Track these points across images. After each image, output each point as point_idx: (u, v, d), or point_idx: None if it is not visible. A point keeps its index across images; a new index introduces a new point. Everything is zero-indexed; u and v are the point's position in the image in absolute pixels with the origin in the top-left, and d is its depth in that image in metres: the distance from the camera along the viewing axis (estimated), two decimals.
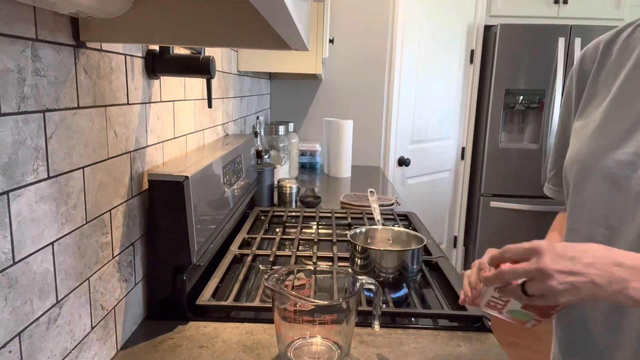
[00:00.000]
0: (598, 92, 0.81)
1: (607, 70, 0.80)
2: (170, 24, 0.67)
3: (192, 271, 0.99)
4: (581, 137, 0.80)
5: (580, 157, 0.78)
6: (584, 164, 0.77)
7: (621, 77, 0.76)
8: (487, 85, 3.28)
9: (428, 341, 0.90)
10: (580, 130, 0.81)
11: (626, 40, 0.79)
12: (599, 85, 0.81)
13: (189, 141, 1.22)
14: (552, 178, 0.95)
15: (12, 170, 0.55)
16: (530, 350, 2.71)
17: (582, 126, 0.81)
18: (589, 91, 0.82)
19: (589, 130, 0.78)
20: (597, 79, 0.81)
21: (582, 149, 0.78)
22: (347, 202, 1.83)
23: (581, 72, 0.85)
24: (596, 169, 0.75)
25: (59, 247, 0.65)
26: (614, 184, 0.72)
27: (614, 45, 0.80)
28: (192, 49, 1.12)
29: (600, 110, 0.78)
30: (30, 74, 0.58)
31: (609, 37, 0.82)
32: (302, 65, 1.96)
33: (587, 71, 0.84)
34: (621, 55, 0.78)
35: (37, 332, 0.60)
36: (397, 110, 2.97)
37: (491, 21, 3.26)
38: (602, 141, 0.75)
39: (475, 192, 3.47)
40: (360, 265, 1.10)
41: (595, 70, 0.82)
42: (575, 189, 0.79)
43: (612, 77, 0.79)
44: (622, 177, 0.71)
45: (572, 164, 0.80)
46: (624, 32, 0.80)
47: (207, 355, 0.84)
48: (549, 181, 0.96)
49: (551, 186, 0.95)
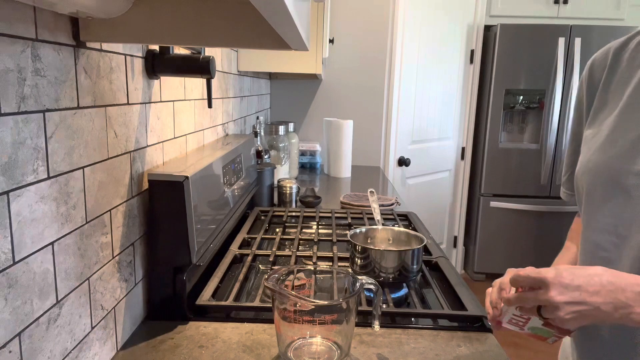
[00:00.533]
0: (608, 100, 0.80)
1: (617, 78, 0.80)
2: (170, 24, 0.67)
3: (192, 271, 0.99)
4: (592, 146, 0.80)
5: (591, 167, 0.78)
6: (594, 173, 0.77)
7: (631, 87, 0.76)
8: (487, 85, 3.28)
9: (428, 341, 0.90)
10: (591, 140, 0.81)
11: (636, 48, 0.78)
12: (609, 94, 0.81)
13: (189, 141, 1.22)
14: (565, 182, 0.96)
15: (12, 170, 0.55)
16: (530, 351, 2.71)
17: (592, 135, 0.81)
18: (599, 100, 0.82)
19: (599, 139, 0.79)
20: (607, 87, 0.81)
21: (592, 159, 0.78)
22: (347, 202, 1.83)
23: (591, 80, 0.85)
24: (607, 179, 0.75)
25: (59, 247, 0.65)
26: (624, 194, 0.73)
27: (624, 54, 0.80)
28: (192, 49, 1.12)
29: (611, 119, 0.78)
30: (30, 74, 0.58)
31: (619, 45, 0.81)
32: (302, 65, 1.96)
33: (597, 79, 0.84)
34: (631, 64, 0.78)
35: (37, 332, 0.60)
36: (397, 110, 2.97)
37: (491, 21, 3.26)
38: (613, 151, 0.75)
39: (475, 192, 3.47)
40: (360, 265, 1.10)
41: (605, 79, 0.82)
42: (586, 198, 0.80)
43: (622, 86, 0.78)
44: (633, 187, 0.72)
45: (583, 174, 0.80)
46: (634, 40, 0.79)
47: (207, 355, 0.84)
48: (563, 185, 0.97)
49: (565, 190, 0.96)
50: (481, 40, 3.29)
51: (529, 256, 3.34)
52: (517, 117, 3.34)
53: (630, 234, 0.72)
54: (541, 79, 3.15)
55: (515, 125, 3.35)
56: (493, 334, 0.93)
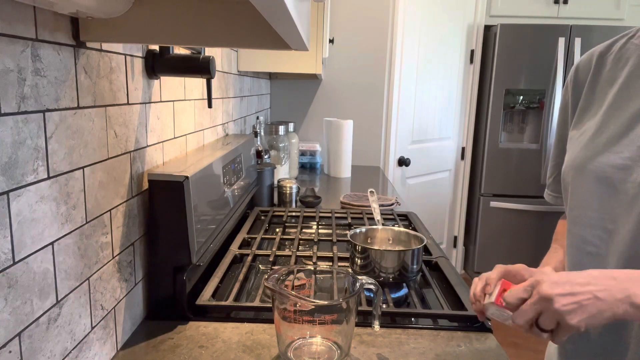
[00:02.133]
0: (594, 101, 0.82)
1: (602, 80, 0.82)
2: (170, 24, 0.67)
3: (192, 271, 0.99)
4: (578, 144, 0.81)
5: (577, 164, 0.79)
6: (580, 169, 0.78)
7: (616, 87, 0.78)
8: (487, 85, 3.28)
9: (428, 341, 0.90)
10: (577, 139, 0.82)
11: (619, 51, 0.80)
12: (595, 95, 0.82)
13: (189, 141, 1.22)
14: (550, 184, 0.97)
15: (12, 170, 0.55)
16: (531, 351, 2.71)
17: (578, 134, 0.83)
18: (585, 101, 0.84)
19: (585, 138, 0.80)
20: (592, 89, 0.83)
21: (579, 156, 0.80)
22: (347, 202, 1.83)
23: (576, 82, 0.87)
24: (592, 173, 0.76)
25: (59, 247, 0.65)
26: (609, 188, 0.74)
27: (608, 56, 0.82)
28: (192, 49, 1.12)
29: (596, 119, 0.80)
30: (30, 74, 0.58)
31: (603, 48, 0.84)
32: (302, 65, 1.96)
33: (582, 81, 0.86)
34: (615, 66, 0.80)
35: (37, 332, 0.61)
36: (397, 110, 2.97)
37: (491, 21, 3.26)
38: (598, 148, 0.76)
39: (475, 192, 3.47)
40: (360, 265, 1.10)
41: (590, 81, 0.84)
42: (572, 194, 0.81)
43: (607, 87, 0.80)
44: (617, 180, 0.73)
45: (569, 171, 0.81)
46: (618, 43, 0.82)
47: (207, 355, 0.84)
48: (548, 187, 0.98)
49: (550, 192, 0.97)
50: (481, 40, 3.29)
51: (529, 256, 3.34)
52: (517, 117, 3.34)
53: (616, 227, 0.73)
54: (541, 79, 3.15)
55: (515, 125, 3.35)
56: (493, 334, 0.93)
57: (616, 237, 0.73)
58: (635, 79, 0.75)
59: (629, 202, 0.71)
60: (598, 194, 0.75)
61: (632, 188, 0.71)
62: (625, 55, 0.79)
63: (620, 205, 0.72)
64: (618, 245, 0.72)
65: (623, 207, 0.72)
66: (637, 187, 0.70)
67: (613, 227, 0.73)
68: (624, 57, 0.79)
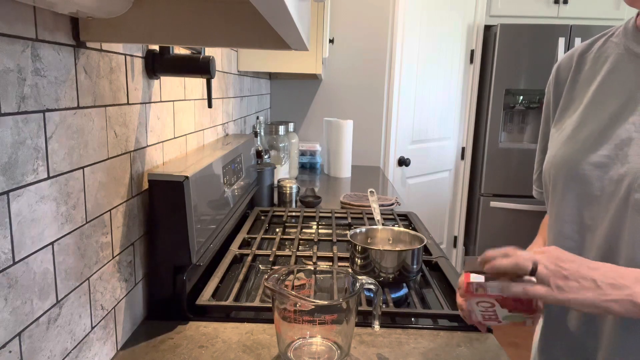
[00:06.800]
0: (574, 99, 0.84)
1: (582, 78, 0.83)
2: (170, 24, 0.67)
3: (192, 271, 0.99)
4: (557, 142, 0.83)
5: (557, 161, 0.81)
6: (559, 166, 0.80)
7: (594, 85, 0.79)
8: (487, 85, 3.28)
9: (428, 341, 0.90)
10: (557, 136, 0.84)
11: (599, 50, 0.82)
12: (575, 93, 0.84)
13: (189, 141, 1.22)
14: (536, 180, 1.00)
15: (12, 170, 0.55)
16: (531, 351, 2.71)
17: (558, 132, 0.84)
18: (565, 100, 0.85)
19: (564, 135, 0.82)
20: (572, 87, 0.85)
21: (558, 153, 0.81)
22: (347, 202, 1.83)
23: (557, 81, 0.88)
24: (571, 171, 0.77)
25: (59, 247, 0.65)
26: (587, 185, 0.75)
27: (588, 55, 0.84)
28: (192, 49, 1.12)
29: (575, 116, 0.81)
30: (30, 74, 0.58)
31: (584, 47, 0.85)
32: (302, 65, 1.96)
33: (563, 80, 0.87)
34: (595, 64, 0.81)
35: (37, 332, 0.60)
36: (397, 110, 2.97)
37: (491, 21, 3.26)
38: (577, 144, 0.78)
39: (475, 192, 3.47)
40: (360, 265, 1.10)
41: (570, 79, 0.85)
42: (552, 190, 0.82)
43: (586, 85, 0.82)
44: (595, 178, 0.74)
45: (550, 168, 0.83)
46: (598, 42, 0.83)
47: (207, 355, 0.84)
48: (534, 183, 1.01)
49: (536, 188, 1.00)
50: (481, 40, 3.29)
51: None
52: (517, 117, 3.33)
53: (594, 223, 0.74)
54: (541, 79, 3.15)
55: (515, 125, 3.35)
56: (493, 334, 0.93)
57: (594, 233, 0.74)
58: (613, 77, 0.77)
59: (607, 198, 0.72)
60: (575, 190, 0.77)
61: (609, 185, 0.72)
62: (604, 54, 0.80)
63: (598, 201, 0.74)
64: (596, 240, 0.74)
65: (601, 204, 0.73)
66: (615, 184, 0.71)
67: (591, 223, 0.75)
68: (603, 56, 0.80)
